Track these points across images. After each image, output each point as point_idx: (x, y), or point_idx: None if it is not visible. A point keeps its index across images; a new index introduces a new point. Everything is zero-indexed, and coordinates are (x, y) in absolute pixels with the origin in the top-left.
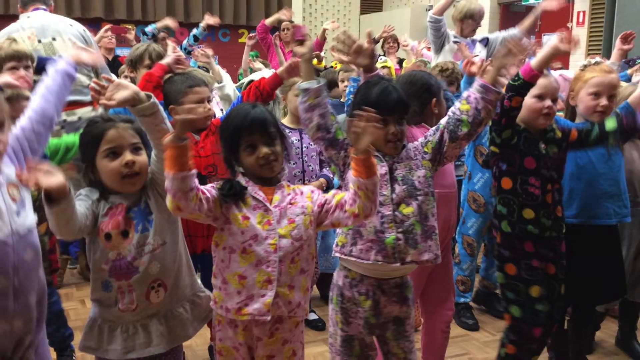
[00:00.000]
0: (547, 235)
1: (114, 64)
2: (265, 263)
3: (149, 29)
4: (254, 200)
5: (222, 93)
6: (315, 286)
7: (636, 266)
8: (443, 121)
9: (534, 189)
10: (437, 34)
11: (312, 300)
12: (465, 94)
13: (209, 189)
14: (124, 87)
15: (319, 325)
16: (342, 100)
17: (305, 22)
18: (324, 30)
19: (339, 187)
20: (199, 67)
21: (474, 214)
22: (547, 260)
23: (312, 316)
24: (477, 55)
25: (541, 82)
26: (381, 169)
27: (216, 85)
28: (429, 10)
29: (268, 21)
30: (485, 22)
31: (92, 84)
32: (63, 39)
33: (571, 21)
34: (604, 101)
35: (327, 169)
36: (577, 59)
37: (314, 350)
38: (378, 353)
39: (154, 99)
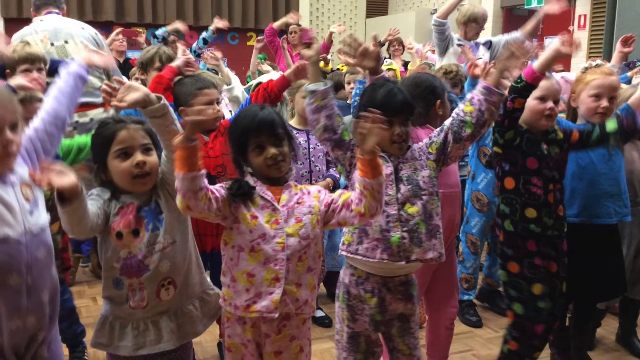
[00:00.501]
0: (549, 234)
1: (125, 67)
2: (273, 261)
3: (160, 32)
4: (262, 199)
5: (231, 95)
6: (322, 284)
7: (636, 264)
8: (447, 122)
9: (536, 188)
10: (441, 37)
11: (319, 297)
12: (468, 95)
13: (218, 189)
14: (135, 89)
15: (325, 322)
16: (348, 102)
17: (312, 25)
18: (331, 33)
19: (346, 187)
20: (208, 69)
21: (477, 213)
22: (549, 259)
23: (319, 313)
24: (481, 58)
25: (543, 84)
26: (386, 169)
27: (225, 87)
28: (434, 13)
29: (276, 24)
30: (488, 25)
31: (104, 86)
32: (75, 42)
33: (572, 24)
34: (604, 103)
35: (334, 169)
36: (579, 61)
37: (320, 346)
38: (383, 349)
39: (164, 101)
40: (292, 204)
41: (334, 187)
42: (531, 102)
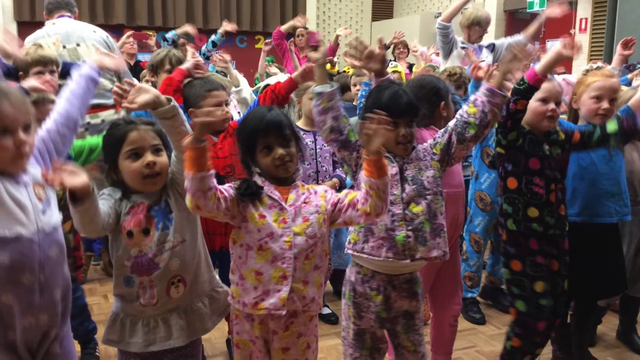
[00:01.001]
0: (550, 233)
1: (136, 69)
2: (281, 259)
3: (169, 35)
4: (269, 199)
5: (240, 97)
6: (328, 282)
7: (636, 262)
8: (451, 123)
9: (538, 188)
10: (445, 40)
11: (326, 295)
12: (472, 97)
13: (227, 189)
14: (145, 91)
15: (332, 319)
16: (354, 103)
17: (319, 28)
18: (337, 36)
19: (352, 187)
20: (217, 71)
21: (480, 213)
22: (551, 257)
23: (326, 310)
24: (484, 61)
25: (545, 86)
26: (392, 169)
27: (234, 89)
28: (438, 17)
29: (283, 28)
30: (491, 28)
31: (115, 88)
32: (87, 45)
33: (574, 28)
34: (605, 104)
35: (340, 169)
36: (580, 64)
37: (327, 343)
38: (389, 346)
39: (174, 103)
40: (300, 204)
41: (340, 187)
42: (533, 103)
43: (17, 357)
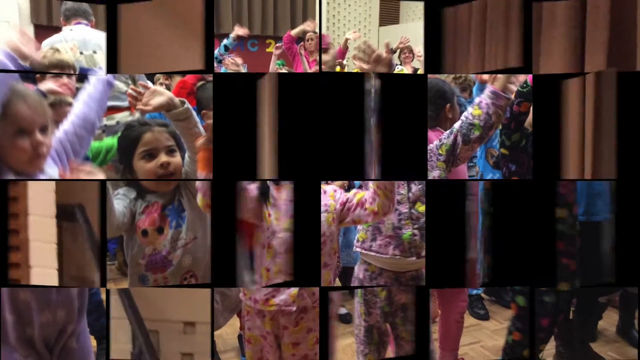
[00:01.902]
0: None
1: None
2: None
3: None
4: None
5: None
6: (337, 279)
7: None
8: (456, 125)
9: None
10: None
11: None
12: (477, 99)
13: None
14: (160, 94)
15: (347, 319)
16: None
17: (328, 32)
18: (346, 39)
19: (360, 187)
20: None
21: None
22: None
23: (342, 310)
24: None
25: None
26: None
27: None
28: None
29: (294, 32)
30: None
31: (130, 91)
32: (103, 52)
33: None
34: None
35: None
36: None
37: (342, 342)
38: (390, 338)
39: (187, 105)
40: None
41: (348, 187)
42: None
43: (35, 352)
